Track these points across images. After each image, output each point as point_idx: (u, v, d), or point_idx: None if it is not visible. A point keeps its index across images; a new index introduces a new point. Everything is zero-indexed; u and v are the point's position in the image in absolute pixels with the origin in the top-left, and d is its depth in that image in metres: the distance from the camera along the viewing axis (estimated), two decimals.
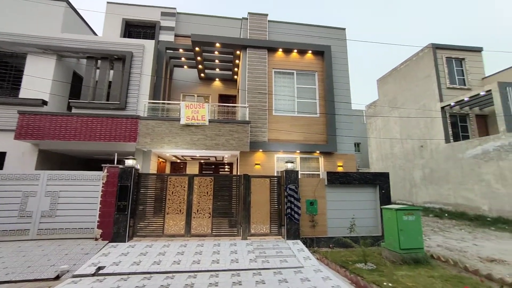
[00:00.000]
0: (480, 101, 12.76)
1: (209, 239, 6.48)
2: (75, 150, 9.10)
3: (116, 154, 7.35)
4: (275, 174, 8.86)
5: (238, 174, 8.32)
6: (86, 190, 6.50)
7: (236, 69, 11.88)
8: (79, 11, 11.21)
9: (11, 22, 9.50)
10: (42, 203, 6.27)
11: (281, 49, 10.15)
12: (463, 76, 14.46)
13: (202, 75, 12.73)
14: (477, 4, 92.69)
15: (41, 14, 9.81)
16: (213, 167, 13.12)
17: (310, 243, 6.69)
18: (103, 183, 6.39)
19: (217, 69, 12.46)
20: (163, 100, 10.34)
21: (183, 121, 8.25)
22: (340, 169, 9.49)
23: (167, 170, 11.99)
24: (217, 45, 9.96)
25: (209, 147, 8.30)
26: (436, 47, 14.43)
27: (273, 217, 6.93)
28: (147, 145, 8.15)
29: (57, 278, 4.40)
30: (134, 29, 12.96)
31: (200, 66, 11.84)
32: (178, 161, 12.36)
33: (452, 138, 13.34)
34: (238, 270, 4.84)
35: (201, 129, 8.36)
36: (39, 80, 8.81)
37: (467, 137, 13.62)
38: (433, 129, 14.17)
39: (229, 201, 6.95)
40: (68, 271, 4.61)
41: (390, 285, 4.36)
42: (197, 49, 10.28)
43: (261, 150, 9.22)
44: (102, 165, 6.56)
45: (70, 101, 9.19)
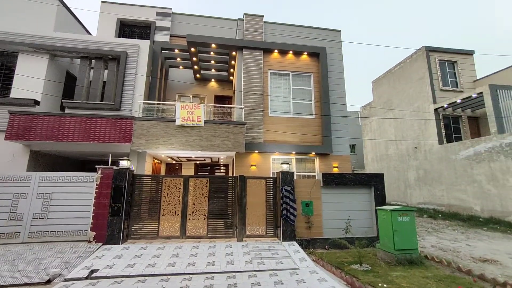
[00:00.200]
0: (472, 103, 12.99)
1: (204, 241, 6.44)
2: (68, 151, 8.96)
3: (110, 155, 7.27)
4: (271, 175, 8.86)
5: (234, 175, 8.29)
6: (79, 192, 6.39)
7: (232, 70, 11.86)
8: (73, 10, 11.08)
9: (2, 20, 9.32)
10: (34, 205, 6.14)
11: (276, 50, 10.17)
12: (456, 78, 14.72)
13: (198, 75, 12.68)
14: (477, 4, 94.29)
15: (33, 13, 9.65)
16: (208, 168, 13.05)
17: (306, 244, 6.69)
18: (97, 185, 6.30)
19: (213, 70, 12.42)
20: (158, 101, 10.25)
21: (178, 122, 8.19)
22: (335, 170, 9.54)
23: (163, 171, 11.89)
24: (213, 45, 9.93)
25: (204, 148, 8.26)
26: (429, 49, 14.66)
27: (268, 218, 6.92)
28: (142, 146, 8.06)
29: (48, 282, 4.30)
30: (129, 29, 12.84)
31: (195, 67, 11.78)
32: (174, 162, 12.27)
33: (445, 140, 13.54)
34: (234, 272, 4.81)
35: (197, 130, 8.32)
36: (31, 80, 8.66)
37: (459, 138, 13.85)
38: (426, 131, 14.36)
39: (224, 202, 6.91)
40: (60, 275, 4.52)
41: (385, 286, 4.38)
42: (192, 49, 10.23)
43: (256, 151, 9.21)
44: (96, 166, 6.47)
45: (63, 101, 9.04)
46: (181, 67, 12.59)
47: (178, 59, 11.86)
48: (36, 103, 8.50)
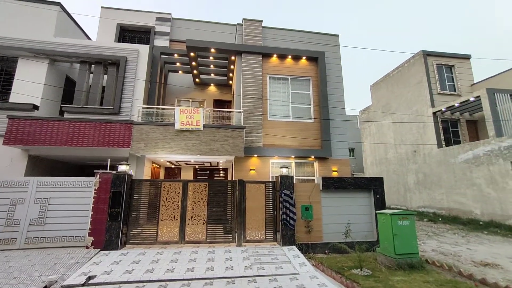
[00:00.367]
0: (470, 106, 13.06)
1: (203, 246, 6.38)
2: (67, 156, 8.91)
3: (109, 160, 7.23)
4: (270, 180, 8.83)
5: (233, 179, 8.26)
6: (77, 197, 6.34)
7: (231, 74, 11.92)
8: (73, 16, 11.15)
9: (2, 25, 9.37)
10: (31, 210, 6.09)
11: (275, 55, 10.24)
12: (453, 82, 14.83)
13: (197, 80, 12.72)
14: (476, 4, 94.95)
15: (33, 18, 9.70)
16: (208, 172, 13.02)
17: (306, 249, 6.64)
18: (95, 190, 6.26)
19: (212, 74, 12.47)
20: (157, 105, 10.27)
21: (177, 126, 8.18)
22: (335, 174, 9.53)
23: (162, 176, 11.85)
24: (212, 50, 9.99)
25: (203, 152, 8.24)
26: (427, 54, 14.79)
27: (268, 223, 6.87)
28: (141, 150, 8.04)
29: None
30: (128, 34, 12.92)
31: (195, 71, 11.83)
32: (173, 166, 12.23)
33: (444, 143, 13.57)
34: (233, 277, 4.76)
35: (196, 134, 8.31)
36: (30, 85, 8.67)
37: (458, 142, 13.88)
38: (425, 135, 14.40)
39: (224, 207, 6.87)
40: (56, 282, 4.46)
41: None
42: (192, 54, 10.29)
43: (256, 155, 9.20)
44: (95, 171, 6.44)
45: (62, 105, 9.04)
46: (180, 71, 12.64)
47: (178, 64, 11.91)
48: (35, 107, 8.50)
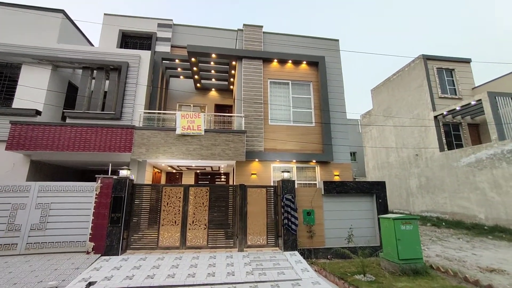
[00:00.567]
0: (472, 110, 13.03)
1: (204, 251, 6.33)
2: (68, 161, 8.94)
3: (110, 165, 7.24)
4: (272, 184, 8.79)
5: (234, 184, 8.23)
6: (78, 202, 6.33)
7: (232, 79, 11.98)
8: (77, 23, 11.30)
9: (8, 32, 9.51)
10: (32, 215, 6.07)
11: (276, 60, 10.30)
12: (454, 86, 14.83)
13: (198, 85, 12.80)
14: (476, 4, 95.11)
15: (38, 25, 9.84)
16: (209, 177, 12.98)
17: (308, 254, 6.57)
18: (96, 194, 6.24)
19: (213, 79, 12.55)
20: (159, 110, 10.31)
21: (178, 131, 8.20)
22: (336, 178, 9.47)
23: (163, 181, 11.83)
24: (213, 55, 10.07)
25: (205, 157, 8.24)
26: (427, 58, 14.85)
27: (270, 228, 6.82)
28: (142, 155, 8.05)
29: None
30: (130, 40, 13.07)
31: (196, 76, 11.91)
32: (174, 171, 12.22)
33: (446, 147, 13.50)
34: (235, 283, 4.70)
35: (197, 139, 8.32)
36: (33, 90, 8.74)
37: (460, 145, 13.82)
38: (427, 138, 14.35)
39: (225, 211, 6.83)
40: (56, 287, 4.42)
41: None
42: (193, 59, 10.36)
43: (257, 160, 9.18)
44: (96, 175, 6.43)
45: (64, 111, 9.10)
46: (181, 76, 12.73)
47: (179, 69, 12.00)
48: (38, 113, 8.55)
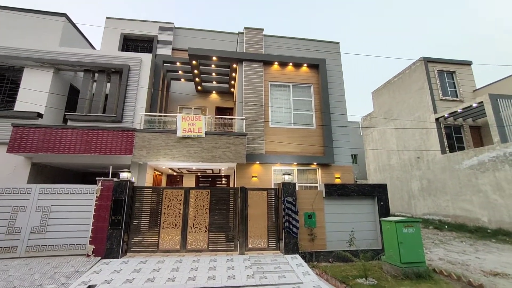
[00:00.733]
0: (473, 112, 12.98)
1: (205, 254, 6.28)
2: (70, 163, 8.95)
3: (111, 167, 7.23)
4: (273, 187, 8.75)
5: (235, 186, 8.21)
6: (79, 204, 6.31)
7: (232, 82, 12.01)
8: (78, 26, 11.38)
9: (11, 36, 9.59)
10: (33, 218, 6.06)
11: (276, 63, 10.33)
12: (455, 88, 14.80)
13: (199, 87, 12.84)
14: (477, 5, 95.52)
15: (40, 29, 9.92)
16: (210, 179, 12.96)
17: (309, 257, 6.51)
18: (97, 197, 6.23)
19: (214, 82, 12.58)
20: (160, 113, 10.34)
21: (179, 133, 8.21)
22: (337, 181, 9.43)
23: (164, 183, 11.81)
24: (214, 58, 10.11)
25: (205, 159, 8.22)
26: (428, 60, 14.84)
27: (270, 231, 6.77)
28: (143, 157, 8.05)
29: None
30: (132, 43, 13.15)
31: (197, 79, 11.95)
32: (175, 174, 12.21)
33: (447, 149, 13.44)
34: (235, 286, 4.66)
35: (198, 141, 8.32)
36: (35, 93, 8.79)
37: (462, 148, 13.75)
38: (428, 141, 14.30)
39: (226, 214, 6.79)
40: None
41: None
42: (194, 62, 10.41)
43: (258, 162, 9.16)
44: (97, 178, 6.43)
45: (66, 113, 9.14)
46: (182, 79, 12.78)
47: (180, 72, 12.05)
48: (39, 116, 8.58)
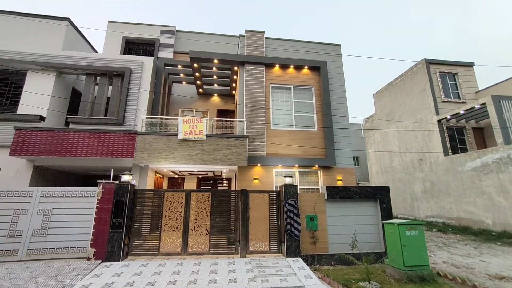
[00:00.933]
0: (476, 114, 12.91)
1: (206, 257, 6.24)
2: (71, 166, 8.97)
3: (112, 170, 7.23)
4: (274, 189, 8.71)
5: (236, 189, 8.18)
6: (80, 207, 6.30)
7: (234, 84, 12.04)
8: (81, 30, 11.49)
9: (15, 40, 9.70)
10: (34, 221, 6.05)
11: (278, 65, 10.34)
12: (457, 90, 14.74)
13: (201, 90, 12.87)
14: (477, 5, 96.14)
15: (43, 33, 10.04)
16: (211, 182, 12.94)
17: (311, 260, 6.45)
18: (98, 200, 6.22)
19: (215, 85, 12.62)
20: (161, 115, 10.36)
21: (180, 136, 8.21)
22: (339, 183, 9.37)
23: (165, 186, 11.80)
24: (215, 61, 10.14)
25: (207, 162, 8.21)
26: (429, 62, 14.81)
27: (272, 233, 6.72)
28: (144, 160, 8.05)
29: None
30: (134, 46, 13.25)
31: (198, 82, 11.99)
32: (176, 176, 12.20)
33: (450, 151, 13.34)
34: None
35: (199, 144, 8.31)
36: (37, 96, 8.85)
37: (465, 149, 13.65)
38: (431, 142, 14.21)
39: (227, 217, 6.76)
40: None
41: None
42: (195, 65, 10.45)
43: (259, 165, 9.13)
44: (98, 181, 6.43)
45: (68, 116, 9.18)
46: (184, 82, 12.83)
47: (181, 75, 12.10)
48: (42, 119, 8.63)
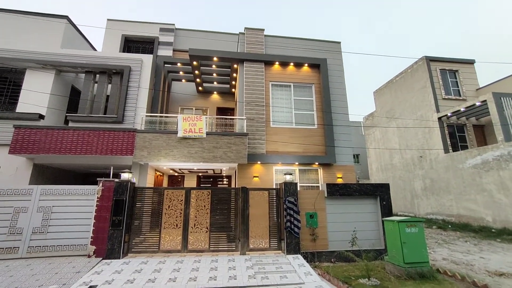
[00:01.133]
0: (476, 111, 12.86)
1: (206, 254, 6.26)
2: (71, 164, 8.97)
3: (112, 168, 7.23)
4: (274, 187, 8.71)
5: (236, 186, 8.18)
6: (80, 205, 6.32)
7: (233, 82, 12.00)
8: (80, 28, 11.44)
9: (13, 38, 9.65)
10: (34, 219, 6.07)
11: (277, 62, 10.30)
12: (458, 87, 14.67)
13: (200, 88, 12.84)
14: (477, 5, 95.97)
15: (42, 31, 9.98)
16: (211, 180, 12.94)
17: (311, 257, 6.46)
18: (98, 198, 6.23)
19: (215, 83, 12.58)
20: (160, 113, 10.34)
21: (180, 134, 8.19)
22: (339, 180, 9.37)
23: (165, 184, 11.81)
24: (215, 59, 10.10)
25: (206, 159, 8.21)
26: (430, 59, 14.74)
27: (272, 231, 6.73)
28: (144, 158, 8.04)
29: None
30: (133, 44, 13.19)
31: (198, 80, 11.95)
32: (176, 174, 12.20)
33: (450, 148, 13.32)
34: (237, 287, 4.62)
35: (199, 141, 8.30)
36: (37, 95, 8.83)
37: (465, 147, 13.63)
38: (431, 140, 14.18)
39: (227, 214, 6.77)
40: None
41: None
42: (195, 63, 10.41)
43: (259, 162, 9.12)
44: (98, 179, 6.43)
45: (67, 115, 9.17)
46: (183, 80, 12.79)
47: (181, 73, 12.06)
48: (41, 117, 8.62)
